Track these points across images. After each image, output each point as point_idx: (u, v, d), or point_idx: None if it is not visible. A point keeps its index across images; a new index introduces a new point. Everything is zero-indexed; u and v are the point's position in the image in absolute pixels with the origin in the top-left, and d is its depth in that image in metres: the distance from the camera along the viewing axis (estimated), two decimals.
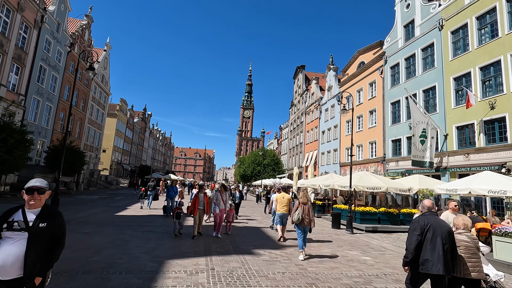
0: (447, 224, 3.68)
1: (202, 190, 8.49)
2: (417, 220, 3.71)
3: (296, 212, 6.88)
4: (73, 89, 14.86)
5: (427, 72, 18.86)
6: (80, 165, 23.47)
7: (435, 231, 3.48)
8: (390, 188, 12.99)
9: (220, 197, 8.93)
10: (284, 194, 9.23)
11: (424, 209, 3.86)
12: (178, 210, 8.24)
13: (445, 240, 3.45)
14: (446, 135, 16.78)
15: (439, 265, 3.36)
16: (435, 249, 3.41)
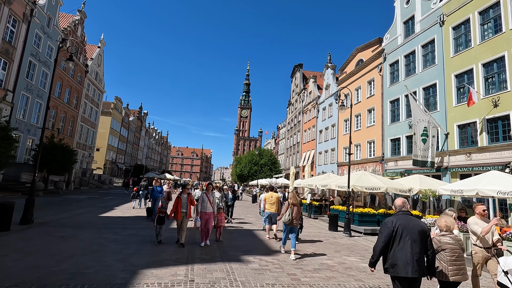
0: (419, 223, 3.43)
1: (185, 190, 7.33)
2: (386, 220, 3.51)
3: (287, 213, 7.12)
4: (51, 80, 14.07)
5: (427, 69, 18.31)
6: (70, 163, 22.71)
7: (404, 232, 3.30)
8: (390, 188, 12.42)
9: (206, 198, 7.57)
10: (272, 193, 9.23)
11: (396, 209, 3.63)
12: (161, 213, 7.18)
13: (415, 241, 3.27)
14: (447, 134, 16.24)
15: (407, 267, 3.18)
16: (403, 250, 3.24)
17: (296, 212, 7.11)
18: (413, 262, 3.20)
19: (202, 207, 7.48)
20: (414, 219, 3.48)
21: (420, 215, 12.76)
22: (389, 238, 3.33)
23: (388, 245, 3.34)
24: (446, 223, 3.71)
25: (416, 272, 3.19)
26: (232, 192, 13.07)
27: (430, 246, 3.39)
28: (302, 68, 45.76)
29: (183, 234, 7.18)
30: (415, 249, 3.24)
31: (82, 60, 34.25)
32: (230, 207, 12.63)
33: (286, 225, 7.15)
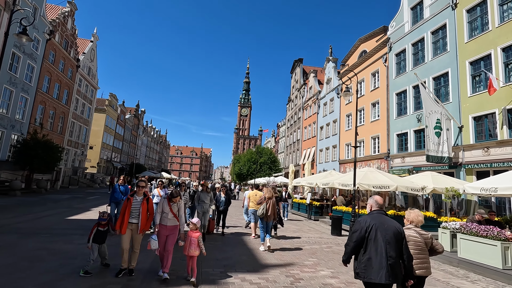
0: (394, 224, 3.17)
1: (139, 190, 4.93)
2: (359, 219, 3.31)
3: (261, 207, 7.38)
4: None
5: (438, 57, 16.81)
6: (54, 161, 21.28)
7: (378, 233, 3.05)
8: (400, 187, 10.94)
9: (166, 206, 4.93)
10: (256, 192, 9.34)
11: (374, 206, 3.32)
12: (100, 227, 4.93)
13: (389, 243, 3.02)
14: (461, 127, 14.75)
15: (381, 272, 2.94)
16: (377, 253, 2.99)
17: (270, 207, 7.36)
18: (387, 267, 2.94)
19: (161, 218, 4.95)
20: (390, 220, 3.19)
21: (435, 217, 11.29)
22: (362, 239, 3.08)
23: (360, 246, 3.10)
24: (411, 217, 3.62)
25: (390, 278, 2.93)
26: (225, 194, 9.45)
27: (405, 250, 3.12)
28: (302, 63, 44.26)
29: (133, 258, 4.85)
30: (389, 253, 2.99)
31: (73, 54, 32.79)
32: (222, 214, 9.35)
33: (261, 219, 7.41)
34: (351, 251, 3.19)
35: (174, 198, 4.94)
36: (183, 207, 5.14)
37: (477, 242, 6.30)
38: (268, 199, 7.47)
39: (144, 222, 4.80)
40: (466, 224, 6.76)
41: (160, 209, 4.96)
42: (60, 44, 29.46)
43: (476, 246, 6.33)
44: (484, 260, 6.15)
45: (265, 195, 7.61)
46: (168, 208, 4.92)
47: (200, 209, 7.81)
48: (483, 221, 7.16)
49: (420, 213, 3.69)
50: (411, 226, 3.60)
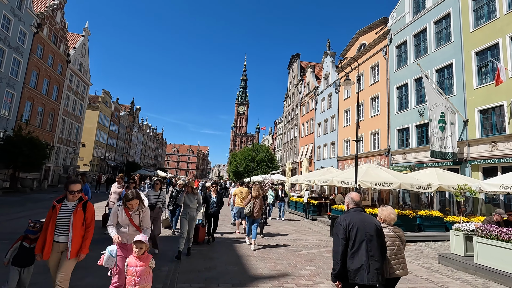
0: (374, 221, 3.01)
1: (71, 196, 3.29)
2: (338, 220, 3.05)
3: (248, 206, 7.51)
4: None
5: (441, 48, 16.02)
6: (40, 159, 20.31)
7: (359, 232, 2.88)
8: (405, 184, 10.17)
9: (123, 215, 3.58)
10: (242, 189, 9.27)
11: (351, 204, 3.14)
12: (26, 241, 3.51)
13: (370, 242, 2.87)
14: (466, 121, 14.00)
15: (363, 273, 2.77)
16: (358, 253, 2.84)
17: (257, 205, 7.49)
18: (369, 267, 2.80)
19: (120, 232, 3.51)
20: (369, 217, 3.07)
21: (441, 216, 10.54)
22: (347, 242, 2.89)
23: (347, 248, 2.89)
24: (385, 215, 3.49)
25: (374, 279, 2.80)
26: (216, 194, 7.95)
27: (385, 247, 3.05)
28: (299, 59, 43.37)
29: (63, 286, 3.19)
30: (371, 251, 2.85)
31: (63, 49, 31.69)
32: (213, 218, 7.88)
33: (248, 218, 7.59)
34: (342, 257, 2.87)
35: (129, 201, 3.49)
36: (148, 215, 3.70)
37: (498, 246, 5.53)
38: (255, 198, 7.57)
39: (77, 242, 3.15)
40: (484, 226, 5.98)
41: (114, 219, 3.48)
42: (48, 38, 28.36)
43: (496, 252, 5.56)
44: (507, 267, 5.38)
45: (252, 193, 7.63)
46: (126, 218, 3.47)
47: (185, 215, 6.18)
48: (502, 222, 6.39)
49: (392, 210, 3.53)
50: (385, 224, 3.42)
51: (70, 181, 3.39)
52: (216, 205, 7.87)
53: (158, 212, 6.48)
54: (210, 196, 7.93)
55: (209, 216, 7.85)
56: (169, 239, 7.63)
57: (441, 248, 8.61)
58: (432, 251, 8.08)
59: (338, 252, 2.88)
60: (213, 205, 7.85)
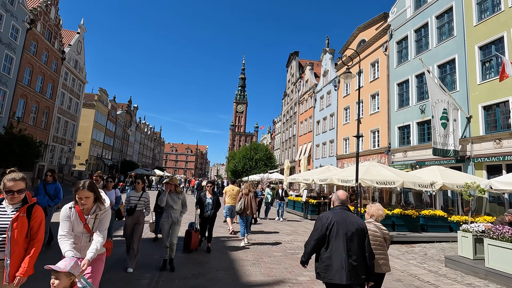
0: (357, 221, 2.97)
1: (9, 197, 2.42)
2: (321, 215, 3.04)
3: (239, 203, 7.51)
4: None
5: (443, 43, 15.60)
6: (31, 157, 19.79)
7: (340, 230, 2.84)
8: (407, 182, 9.74)
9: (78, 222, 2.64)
10: (233, 187, 9.19)
11: (336, 202, 3.13)
12: None
13: (351, 241, 2.83)
14: (470, 118, 13.59)
15: (341, 272, 2.73)
16: (338, 252, 2.79)
17: (248, 202, 7.50)
18: (348, 267, 2.75)
19: None
20: (353, 216, 3.01)
21: (445, 216, 10.12)
22: (323, 236, 2.88)
23: (321, 244, 2.90)
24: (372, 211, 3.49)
25: (352, 278, 2.74)
26: (212, 194, 6.97)
27: (368, 247, 2.92)
28: (298, 56, 42.89)
29: None
30: (351, 251, 2.81)
31: (58, 46, 31.11)
32: (209, 222, 6.85)
33: (240, 215, 7.57)
34: (311, 251, 2.95)
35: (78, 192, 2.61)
36: (108, 219, 2.74)
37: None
38: (245, 195, 7.58)
39: (17, 259, 2.33)
40: (496, 227, 5.55)
41: (66, 227, 2.57)
42: (42, 34, 27.80)
43: (510, 255, 5.13)
44: None
45: (242, 190, 7.65)
46: (80, 224, 2.61)
47: (167, 218, 5.24)
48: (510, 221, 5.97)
49: (381, 207, 3.54)
50: (371, 220, 3.46)
51: (7, 174, 2.53)
52: (212, 207, 6.79)
53: (139, 217, 5.30)
54: (205, 196, 6.88)
55: (204, 220, 6.80)
56: (155, 244, 7.16)
57: (446, 249, 8.19)
58: (437, 253, 7.66)
59: (309, 245, 2.91)
60: (208, 207, 6.78)
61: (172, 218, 5.26)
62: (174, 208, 5.29)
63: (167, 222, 5.25)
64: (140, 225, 5.28)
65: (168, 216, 5.29)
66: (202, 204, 6.80)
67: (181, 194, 5.46)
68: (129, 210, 5.27)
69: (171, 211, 5.29)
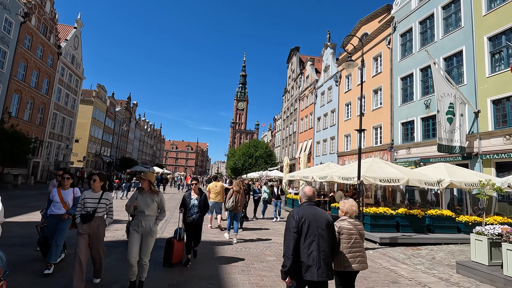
0: (326, 216, 2.97)
1: None
2: (291, 213, 2.98)
3: (230, 200, 7.52)
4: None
5: (450, 34, 14.89)
6: (23, 153, 19.23)
7: (311, 226, 2.82)
8: (413, 180, 9.11)
9: None
10: (216, 183, 9.13)
11: (303, 199, 3.10)
12: None
13: (322, 237, 2.82)
14: (478, 112, 12.91)
15: (313, 269, 2.70)
16: (310, 248, 2.76)
17: (239, 199, 7.57)
18: (319, 263, 2.73)
19: None
20: (321, 211, 3.01)
21: (453, 216, 9.49)
22: (299, 236, 2.81)
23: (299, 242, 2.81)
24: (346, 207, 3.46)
25: (324, 275, 2.73)
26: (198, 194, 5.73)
27: (336, 242, 3.05)
28: (298, 52, 42.13)
29: None
30: (322, 247, 2.79)
31: (53, 40, 30.47)
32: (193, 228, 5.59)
33: (230, 211, 7.57)
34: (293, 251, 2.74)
35: None
36: None
37: None
38: (236, 192, 7.63)
39: None
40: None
41: None
42: (37, 28, 27.17)
43: None
44: None
45: (233, 187, 7.70)
46: None
47: (136, 226, 4.00)
48: None
49: (354, 203, 3.53)
50: (345, 217, 3.44)
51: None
52: (198, 210, 5.52)
53: (98, 226, 4.07)
54: (190, 197, 5.62)
55: (188, 225, 5.51)
56: None
57: (455, 253, 7.57)
58: (446, 257, 7.04)
59: (289, 247, 2.76)
60: (193, 210, 5.51)
61: (143, 227, 3.95)
62: (146, 213, 3.98)
63: (136, 230, 3.95)
64: (98, 237, 4.08)
65: (138, 223, 3.98)
66: (186, 206, 5.54)
67: (157, 194, 4.13)
68: (84, 216, 3.98)
69: (142, 217, 3.99)
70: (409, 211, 9.05)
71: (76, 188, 5.00)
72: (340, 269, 3.22)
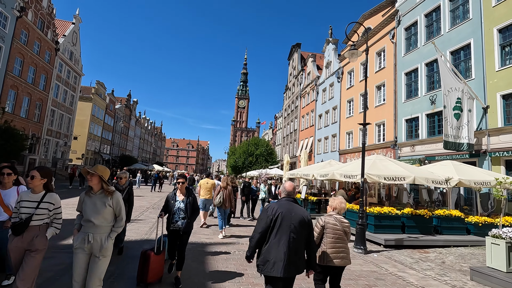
0: (302, 212, 2.90)
1: None
2: (267, 207, 2.98)
3: (218, 196, 7.54)
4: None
5: (457, 26, 14.29)
6: (15, 150, 18.77)
7: (284, 222, 2.77)
8: (419, 178, 8.56)
9: None
10: (208, 180, 9.10)
11: (282, 194, 3.07)
12: None
13: (294, 233, 2.77)
14: (487, 108, 12.33)
15: (279, 265, 2.66)
16: (279, 244, 2.73)
17: (227, 195, 7.51)
18: (287, 259, 2.69)
19: None
20: (298, 208, 2.96)
21: (462, 217, 8.95)
22: (267, 229, 2.80)
23: (266, 236, 2.81)
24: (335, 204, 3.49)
25: (290, 271, 2.70)
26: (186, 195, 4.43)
27: (311, 239, 2.93)
28: (300, 49, 41.48)
29: None
30: (292, 243, 2.75)
31: (51, 36, 29.99)
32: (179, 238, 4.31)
33: (219, 208, 7.52)
34: (255, 244, 2.83)
35: None
36: None
37: None
38: (224, 188, 7.60)
39: None
40: None
41: None
42: (34, 23, 26.69)
43: None
44: None
45: (221, 184, 7.67)
46: None
47: (82, 244, 2.94)
48: None
49: (343, 200, 3.55)
50: (333, 213, 3.46)
51: None
52: (185, 214, 4.24)
53: (34, 238, 2.93)
54: (174, 199, 4.36)
55: (172, 235, 4.27)
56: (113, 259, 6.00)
57: (466, 256, 7.04)
58: (457, 261, 6.51)
59: (255, 238, 2.81)
60: (178, 214, 4.25)
61: (91, 242, 2.89)
62: (96, 223, 2.92)
63: (82, 248, 2.90)
64: (36, 254, 2.91)
65: (84, 239, 2.91)
66: (170, 210, 4.31)
67: (111, 196, 3.02)
68: (15, 226, 2.91)
69: (89, 228, 2.93)
70: (416, 211, 8.51)
71: (22, 186, 4.01)
72: (322, 263, 3.22)
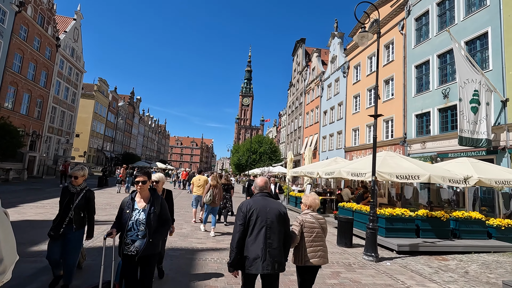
0: (278, 207, 2.84)
1: None
2: (240, 205, 2.86)
3: (208, 194, 7.59)
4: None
5: (473, 14, 13.37)
6: (12, 147, 18.33)
7: (260, 217, 2.70)
8: (435, 176, 7.75)
9: None
10: (200, 176, 9.15)
11: (256, 190, 3.00)
12: None
13: (270, 228, 2.69)
14: (506, 101, 11.44)
15: (258, 262, 2.59)
16: (256, 241, 2.65)
17: (216, 193, 7.58)
18: (265, 255, 2.62)
19: None
20: (274, 202, 2.88)
21: (482, 219, 8.13)
22: (245, 226, 2.71)
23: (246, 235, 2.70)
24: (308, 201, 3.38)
25: (269, 267, 2.61)
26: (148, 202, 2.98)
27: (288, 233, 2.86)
28: (304, 44, 40.54)
29: None
30: (269, 239, 2.67)
31: (51, 32, 29.53)
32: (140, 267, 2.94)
33: (207, 205, 7.62)
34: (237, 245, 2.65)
35: None
36: None
37: None
38: (213, 186, 7.63)
39: None
40: None
41: None
42: (34, 19, 26.25)
43: None
44: None
45: (210, 182, 7.71)
46: None
47: None
48: None
49: (316, 196, 3.48)
50: (308, 211, 3.37)
51: None
52: (146, 230, 2.87)
53: None
54: (131, 207, 2.96)
55: (127, 261, 2.88)
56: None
57: (491, 265, 6.25)
58: (481, 271, 5.73)
59: (234, 240, 2.68)
60: (136, 230, 2.89)
61: None
62: None
63: None
64: None
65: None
66: (122, 224, 2.94)
67: None
68: None
69: None
70: (431, 213, 7.72)
71: None
72: (300, 263, 3.10)
